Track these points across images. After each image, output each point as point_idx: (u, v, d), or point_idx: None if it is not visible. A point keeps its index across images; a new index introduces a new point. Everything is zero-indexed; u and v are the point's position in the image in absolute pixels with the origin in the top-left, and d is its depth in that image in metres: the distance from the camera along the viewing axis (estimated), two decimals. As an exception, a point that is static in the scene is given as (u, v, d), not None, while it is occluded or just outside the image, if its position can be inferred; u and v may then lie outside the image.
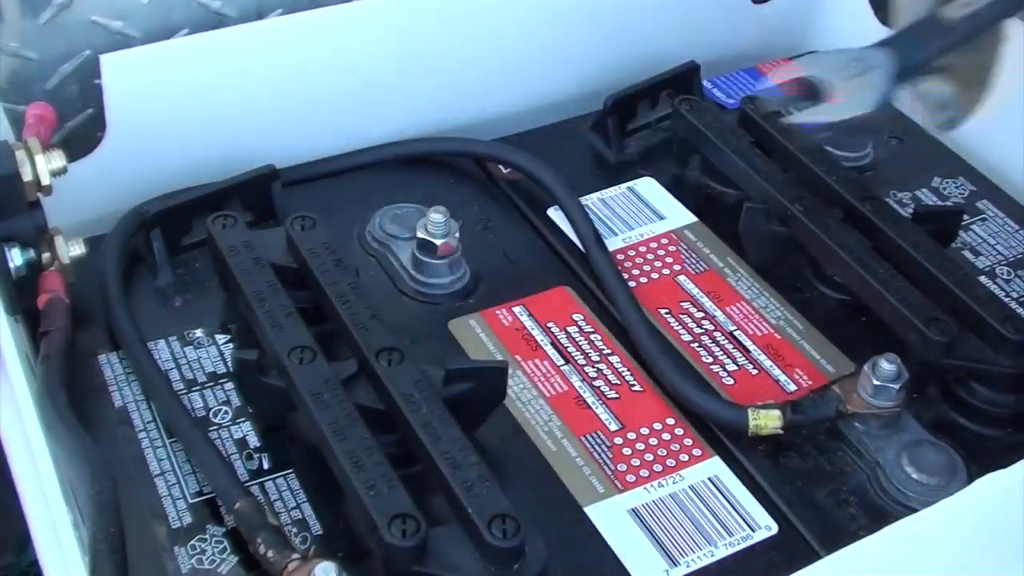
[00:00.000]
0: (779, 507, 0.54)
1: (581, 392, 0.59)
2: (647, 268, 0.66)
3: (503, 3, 0.74)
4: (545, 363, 0.60)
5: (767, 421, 0.55)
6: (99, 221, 0.64)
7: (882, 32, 0.81)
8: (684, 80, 0.76)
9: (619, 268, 0.64)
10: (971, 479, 0.53)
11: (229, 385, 0.57)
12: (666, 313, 0.63)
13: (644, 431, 0.57)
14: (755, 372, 0.60)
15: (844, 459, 0.56)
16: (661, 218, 0.69)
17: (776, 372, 0.60)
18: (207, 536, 0.51)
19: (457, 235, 0.63)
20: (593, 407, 0.58)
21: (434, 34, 0.72)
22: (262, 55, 0.68)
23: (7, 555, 0.83)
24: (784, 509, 0.54)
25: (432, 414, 0.50)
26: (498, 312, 0.63)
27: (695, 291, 0.65)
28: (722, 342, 0.62)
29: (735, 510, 0.54)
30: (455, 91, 0.75)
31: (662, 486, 0.54)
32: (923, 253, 0.61)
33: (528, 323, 0.62)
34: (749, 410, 0.55)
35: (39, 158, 0.56)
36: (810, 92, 0.57)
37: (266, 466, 0.54)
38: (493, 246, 0.67)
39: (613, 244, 0.67)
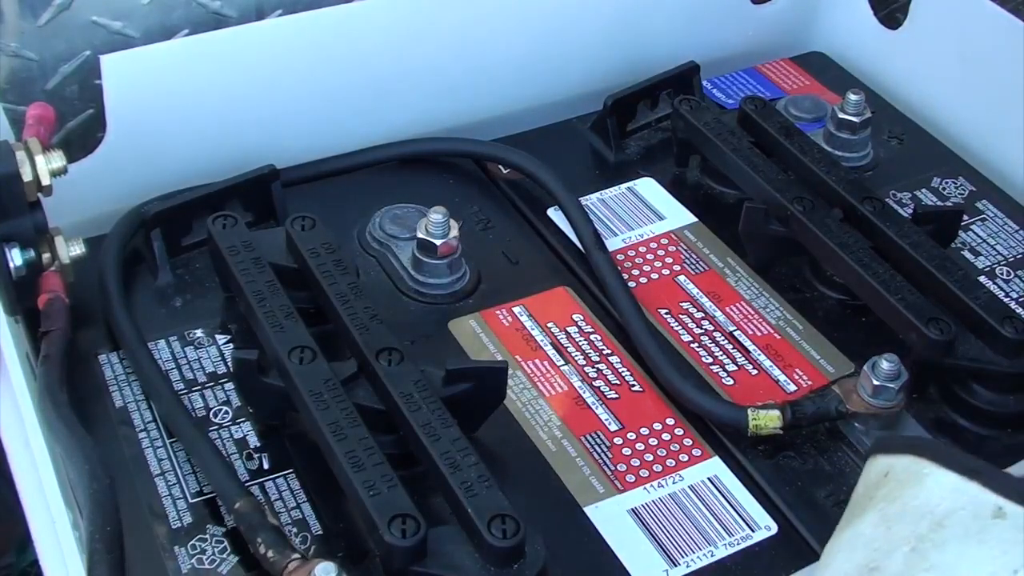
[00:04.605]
0: (779, 507, 0.54)
1: (581, 392, 0.59)
2: (647, 268, 0.66)
3: (503, 3, 0.74)
4: (545, 363, 0.60)
5: (767, 421, 0.55)
6: (99, 221, 0.64)
7: (883, 32, 0.82)
8: (684, 80, 0.76)
9: (619, 268, 0.64)
10: (971, 479, 0.53)
11: (229, 385, 0.57)
12: (666, 313, 0.63)
13: (644, 431, 0.57)
14: (755, 372, 0.60)
15: (844, 459, 0.56)
16: (661, 218, 0.69)
17: (776, 372, 0.60)
18: (207, 536, 0.51)
19: (457, 235, 0.63)
20: (593, 407, 0.58)
21: (434, 34, 0.72)
22: (262, 55, 0.68)
23: (7, 555, 0.83)
24: (784, 509, 0.54)
25: (432, 414, 0.50)
26: (498, 312, 0.63)
27: (695, 291, 0.65)
28: (722, 342, 0.62)
29: (735, 510, 0.54)
30: (455, 91, 0.75)
31: (662, 486, 0.54)
32: (923, 253, 0.61)
33: (528, 323, 0.62)
34: (749, 410, 0.55)
35: (39, 158, 0.56)
36: None
37: (266, 466, 0.54)
38: (493, 246, 0.67)
39: (613, 244, 0.67)
